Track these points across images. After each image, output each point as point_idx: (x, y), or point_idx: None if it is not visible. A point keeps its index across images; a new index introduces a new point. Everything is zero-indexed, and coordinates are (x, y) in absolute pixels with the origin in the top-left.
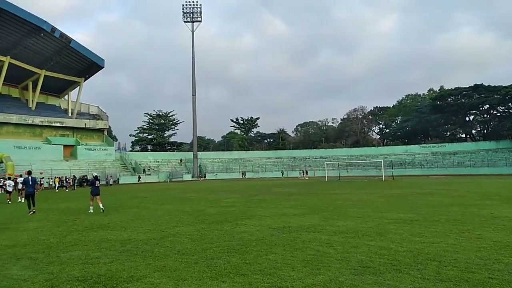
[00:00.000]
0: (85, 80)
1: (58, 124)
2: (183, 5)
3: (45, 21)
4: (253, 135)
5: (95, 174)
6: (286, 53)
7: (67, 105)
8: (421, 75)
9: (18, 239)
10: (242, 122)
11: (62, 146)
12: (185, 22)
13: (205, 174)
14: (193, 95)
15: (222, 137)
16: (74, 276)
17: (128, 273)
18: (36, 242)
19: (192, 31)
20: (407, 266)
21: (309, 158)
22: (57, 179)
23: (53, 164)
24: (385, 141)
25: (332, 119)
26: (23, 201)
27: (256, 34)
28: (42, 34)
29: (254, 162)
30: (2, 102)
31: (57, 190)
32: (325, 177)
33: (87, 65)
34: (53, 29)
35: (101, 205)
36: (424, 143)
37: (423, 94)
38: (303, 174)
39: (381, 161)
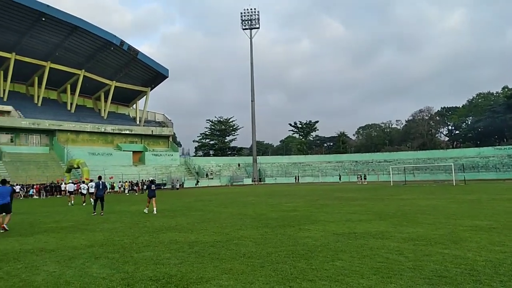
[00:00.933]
0: (151, 90)
1: (127, 132)
2: (241, 13)
3: (115, 36)
4: (312, 139)
5: (151, 178)
6: (345, 55)
7: (135, 113)
8: (493, 72)
9: (96, 239)
10: (300, 126)
11: (131, 152)
12: (243, 29)
13: (260, 178)
14: (252, 101)
15: (280, 141)
16: (147, 276)
17: (197, 274)
18: (111, 242)
19: (251, 38)
20: (488, 277)
21: (372, 162)
22: (127, 183)
23: (124, 169)
24: (455, 143)
25: (396, 121)
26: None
27: (314, 38)
28: (112, 48)
29: (314, 166)
30: (78, 112)
31: (127, 194)
32: (390, 181)
33: (153, 75)
34: (122, 42)
35: (155, 208)
36: (498, 145)
37: (497, 93)
38: (361, 179)
39: (451, 165)
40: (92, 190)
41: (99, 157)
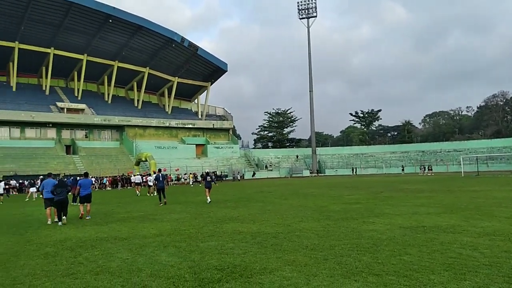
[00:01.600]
0: (211, 84)
1: (190, 126)
2: (298, 3)
3: (176, 33)
4: (374, 128)
5: (206, 170)
6: (409, 40)
7: (197, 108)
8: None
9: (164, 229)
10: (362, 115)
11: (195, 145)
12: (300, 19)
13: (317, 170)
14: (310, 91)
15: (340, 132)
16: (213, 265)
17: (260, 265)
18: (178, 232)
19: (308, 27)
20: None
21: (440, 152)
22: (191, 175)
23: (187, 161)
24: None
25: (467, 107)
26: (155, 194)
27: (374, 23)
28: (173, 45)
29: (377, 157)
30: (145, 108)
31: (192, 185)
32: (461, 172)
33: (212, 70)
34: (183, 39)
35: (208, 198)
36: None
37: None
38: (424, 170)
39: None
40: (150, 183)
41: (165, 150)
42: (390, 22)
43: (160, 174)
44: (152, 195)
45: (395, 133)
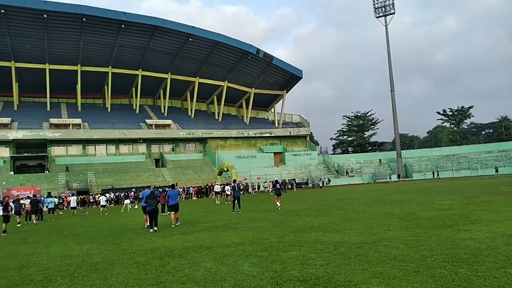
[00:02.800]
0: (287, 92)
1: (267, 135)
2: (374, 1)
3: (251, 45)
4: (466, 127)
5: (275, 179)
6: (500, 28)
7: (274, 116)
8: None
9: (245, 238)
10: (451, 113)
11: (273, 153)
12: (377, 17)
13: (399, 174)
14: (391, 91)
15: (427, 132)
16: (295, 276)
17: (344, 277)
18: (259, 241)
19: (386, 25)
20: None
21: None
22: (271, 183)
23: (266, 169)
24: None
25: None
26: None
27: (459, 14)
28: (249, 57)
29: (470, 158)
30: (225, 120)
31: (271, 193)
32: None
33: (287, 78)
34: (258, 50)
35: (278, 204)
36: None
37: None
38: None
39: None
40: (228, 192)
41: (245, 160)
42: (478, 10)
43: (235, 184)
44: (227, 203)
45: (490, 131)
